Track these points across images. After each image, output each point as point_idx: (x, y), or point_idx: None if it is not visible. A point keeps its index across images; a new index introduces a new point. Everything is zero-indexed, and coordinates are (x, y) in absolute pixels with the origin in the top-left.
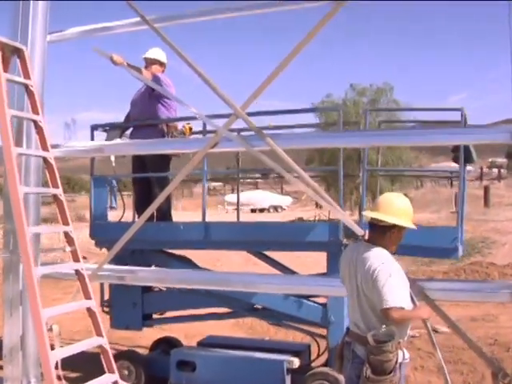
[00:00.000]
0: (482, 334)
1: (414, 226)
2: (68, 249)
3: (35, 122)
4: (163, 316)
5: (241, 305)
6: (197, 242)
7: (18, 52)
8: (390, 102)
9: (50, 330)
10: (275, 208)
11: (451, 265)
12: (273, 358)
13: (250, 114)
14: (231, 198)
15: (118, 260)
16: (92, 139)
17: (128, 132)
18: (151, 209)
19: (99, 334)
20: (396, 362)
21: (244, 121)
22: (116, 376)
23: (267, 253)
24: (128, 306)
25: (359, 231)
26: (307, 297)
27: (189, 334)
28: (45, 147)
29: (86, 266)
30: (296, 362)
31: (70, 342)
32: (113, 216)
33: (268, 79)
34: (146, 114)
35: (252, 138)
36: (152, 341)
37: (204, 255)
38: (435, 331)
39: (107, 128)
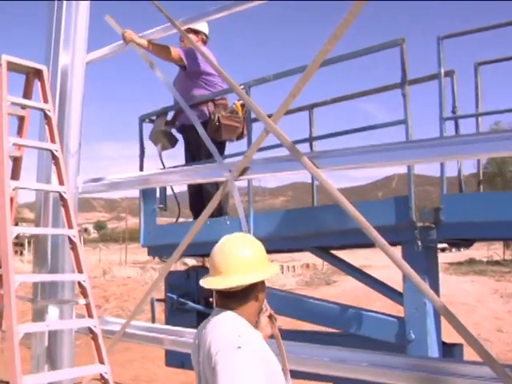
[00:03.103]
0: None
1: (277, 270)
2: (82, 301)
3: (51, 151)
4: None
5: None
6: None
7: (39, 73)
8: None
9: None
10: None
11: None
12: None
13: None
14: None
15: (171, 285)
16: (140, 131)
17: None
18: (209, 209)
19: None
20: None
21: (276, 136)
22: None
23: None
24: None
25: None
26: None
27: None
28: (61, 181)
29: (114, 320)
30: None
31: None
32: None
33: (296, 88)
34: (186, 95)
35: (285, 160)
36: None
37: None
38: None
39: (154, 118)
